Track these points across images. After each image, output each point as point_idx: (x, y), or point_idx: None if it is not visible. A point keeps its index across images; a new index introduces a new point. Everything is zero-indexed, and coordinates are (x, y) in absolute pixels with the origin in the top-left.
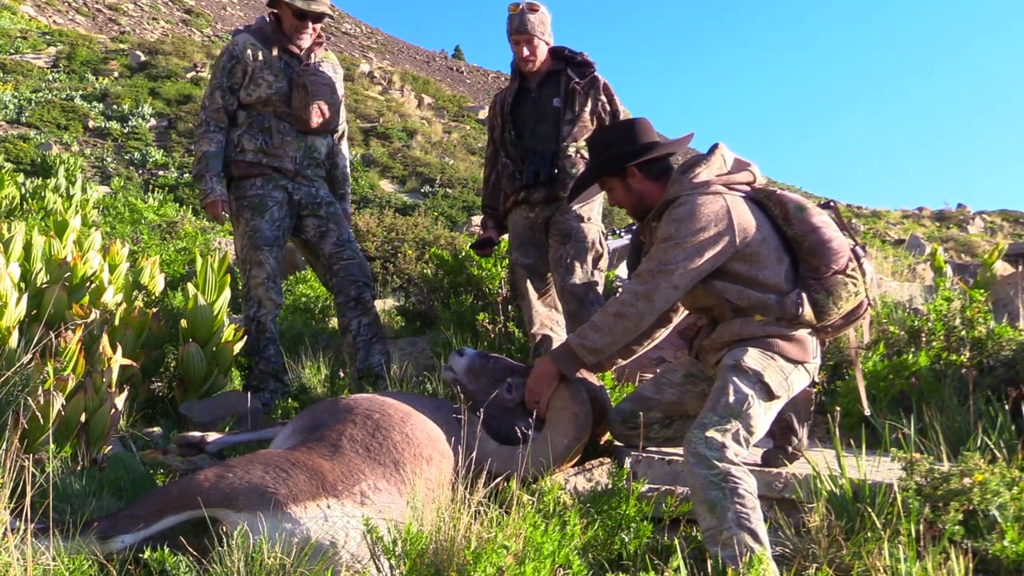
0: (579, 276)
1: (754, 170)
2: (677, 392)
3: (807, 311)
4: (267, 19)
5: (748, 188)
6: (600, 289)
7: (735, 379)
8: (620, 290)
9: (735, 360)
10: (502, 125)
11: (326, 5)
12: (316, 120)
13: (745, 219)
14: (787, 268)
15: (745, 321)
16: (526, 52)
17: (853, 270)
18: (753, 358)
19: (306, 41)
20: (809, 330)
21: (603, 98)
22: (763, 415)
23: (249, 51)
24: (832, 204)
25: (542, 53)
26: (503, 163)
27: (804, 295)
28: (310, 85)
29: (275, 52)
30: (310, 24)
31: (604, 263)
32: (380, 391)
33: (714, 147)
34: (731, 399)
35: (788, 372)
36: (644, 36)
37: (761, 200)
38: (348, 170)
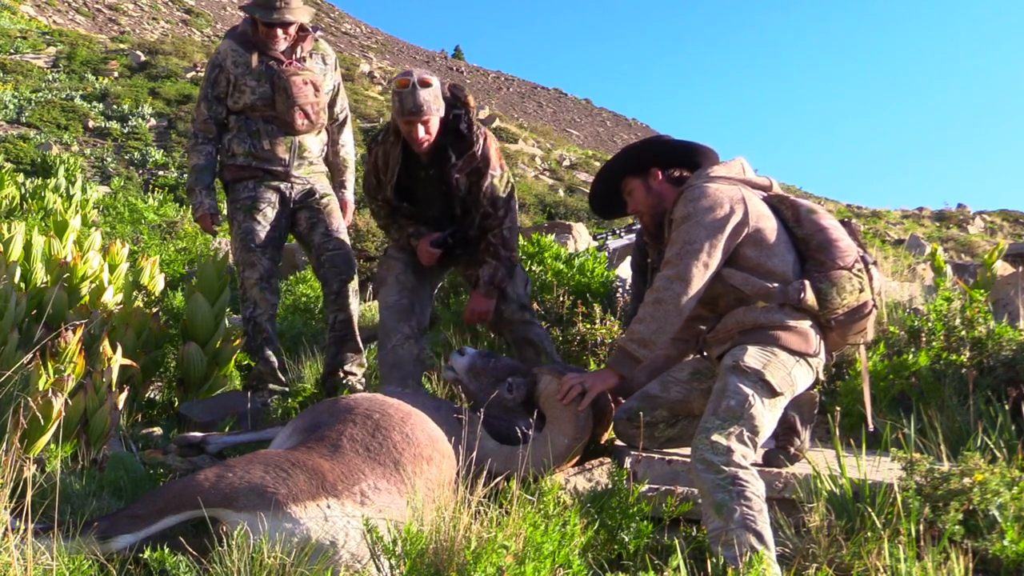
0: (513, 300)
1: (772, 180)
2: (683, 390)
3: (809, 297)
4: (249, 22)
5: (763, 192)
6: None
7: (735, 380)
8: (627, 288)
9: (734, 361)
10: (392, 193)
11: (296, 11)
12: (300, 123)
13: (759, 207)
14: (795, 260)
15: (748, 309)
16: (421, 133)
17: (859, 270)
18: (753, 357)
19: (281, 46)
20: (811, 322)
21: (474, 175)
22: (767, 414)
23: (230, 59)
24: (848, 222)
25: (436, 128)
26: (401, 223)
27: (807, 283)
28: (290, 88)
29: (255, 57)
30: (279, 31)
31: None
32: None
33: (711, 151)
34: (732, 402)
35: (790, 367)
36: (647, 35)
37: (774, 204)
38: (351, 158)
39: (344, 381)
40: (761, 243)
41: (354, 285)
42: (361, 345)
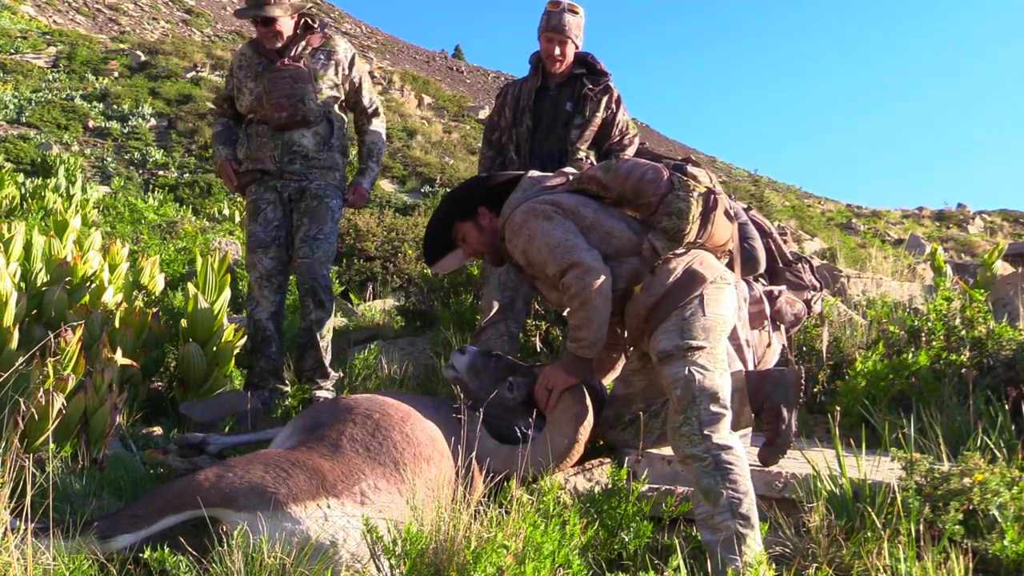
0: None
1: (567, 172)
2: (644, 376)
3: (664, 244)
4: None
5: (561, 185)
6: None
7: (667, 370)
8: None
9: (656, 356)
10: (516, 117)
11: (274, 7)
12: (276, 116)
13: (567, 199)
14: (629, 222)
15: (633, 300)
16: (557, 51)
17: (680, 182)
18: (664, 338)
19: (275, 43)
20: (684, 256)
21: (613, 107)
22: (712, 371)
23: (238, 62)
24: (642, 147)
25: (571, 55)
26: (510, 157)
27: (652, 234)
28: (268, 83)
29: (259, 57)
30: (263, 28)
31: None
32: (382, 392)
33: (520, 176)
34: (678, 392)
35: (700, 310)
36: (646, 34)
37: (577, 188)
38: (376, 148)
39: (313, 392)
40: (593, 226)
41: (320, 295)
42: (324, 360)
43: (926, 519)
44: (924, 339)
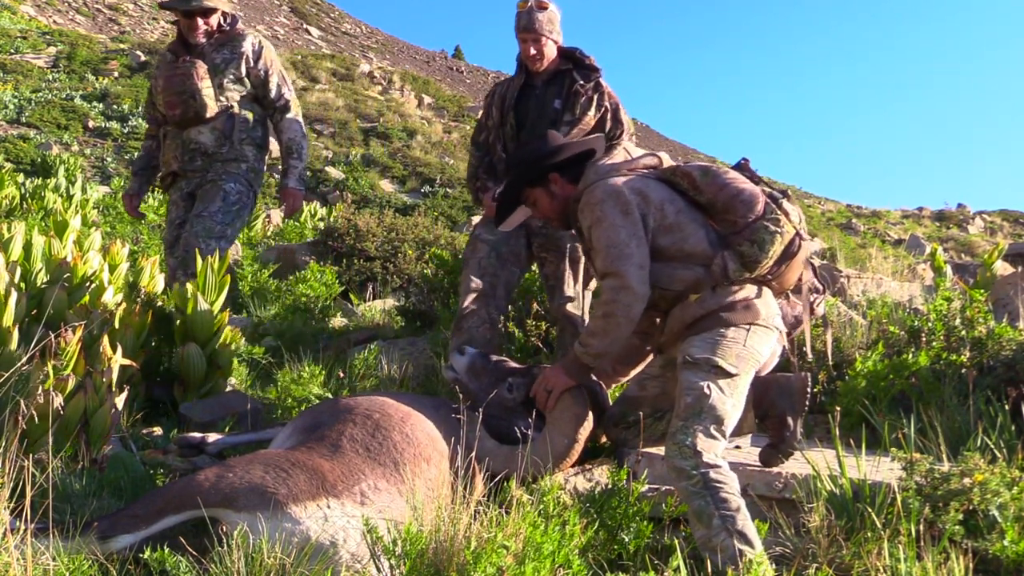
0: (570, 295)
1: (661, 156)
2: (659, 384)
3: (736, 268)
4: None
5: (654, 170)
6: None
7: (687, 376)
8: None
9: (683, 358)
10: (502, 117)
11: None
12: (171, 114)
13: (656, 191)
14: (709, 232)
15: (684, 306)
16: (533, 51)
17: (772, 213)
18: (699, 347)
19: (201, 37)
20: (749, 286)
21: (607, 104)
22: (728, 398)
23: (157, 64)
24: (743, 163)
25: (550, 52)
26: (499, 156)
27: (728, 253)
28: (164, 81)
29: (171, 55)
30: (199, 21)
31: (593, 283)
32: (381, 391)
33: (615, 144)
34: (688, 399)
35: (743, 340)
36: (646, 34)
37: (668, 178)
38: (295, 145)
39: None
40: (671, 228)
41: (191, 267)
42: None
43: (926, 519)
44: (924, 339)
